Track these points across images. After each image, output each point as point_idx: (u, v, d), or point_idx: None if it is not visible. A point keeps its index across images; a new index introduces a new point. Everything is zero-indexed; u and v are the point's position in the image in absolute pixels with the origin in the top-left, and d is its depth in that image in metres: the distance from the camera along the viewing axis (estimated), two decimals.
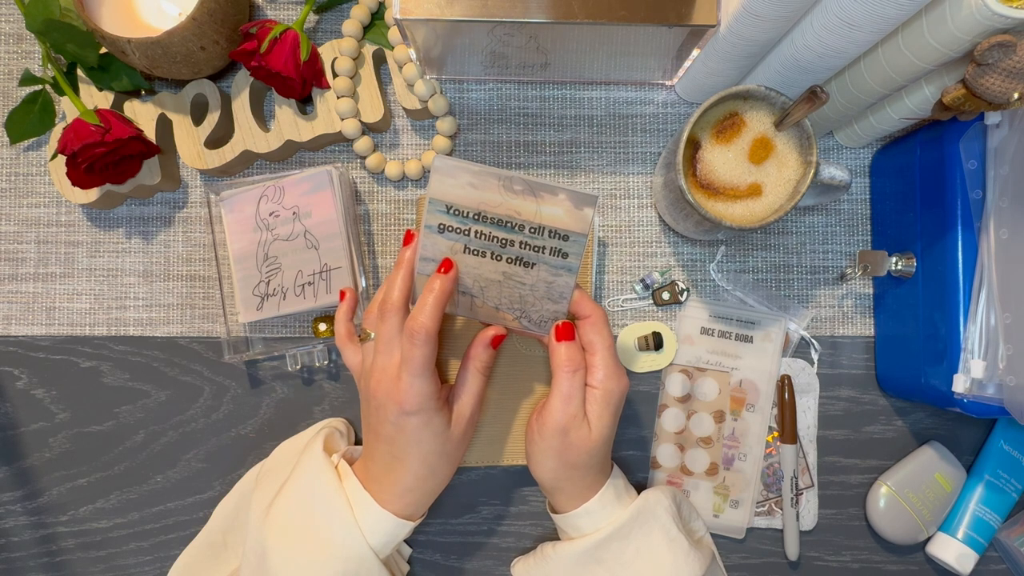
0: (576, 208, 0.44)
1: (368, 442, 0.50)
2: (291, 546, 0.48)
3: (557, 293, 0.46)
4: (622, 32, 0.48)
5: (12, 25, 0.60)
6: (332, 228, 0.55)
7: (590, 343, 0.49)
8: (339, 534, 0.47)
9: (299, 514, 0.48)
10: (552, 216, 0.44)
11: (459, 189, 0.44)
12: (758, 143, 0.50)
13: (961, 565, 0.58)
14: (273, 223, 0.56)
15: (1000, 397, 0.49)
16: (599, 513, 0.50)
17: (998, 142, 0.49)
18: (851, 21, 0.42)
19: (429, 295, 0.45)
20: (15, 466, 0.59)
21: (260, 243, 0.57)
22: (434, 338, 0.45)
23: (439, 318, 0.45)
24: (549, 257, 0.45)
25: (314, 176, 0.55)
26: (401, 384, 0.46)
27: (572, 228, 0.44)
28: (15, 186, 0.60)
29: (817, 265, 0.61)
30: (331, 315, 0.57)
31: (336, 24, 0.59)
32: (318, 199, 0.55)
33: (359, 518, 0.48)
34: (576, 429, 0.48)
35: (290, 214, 0.56)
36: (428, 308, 0.45)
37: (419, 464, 0.48)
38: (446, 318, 0.55)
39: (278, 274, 0.56)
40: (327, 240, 0.56)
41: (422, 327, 0.44)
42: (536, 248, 0.45)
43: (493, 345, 0.50)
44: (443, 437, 0.48)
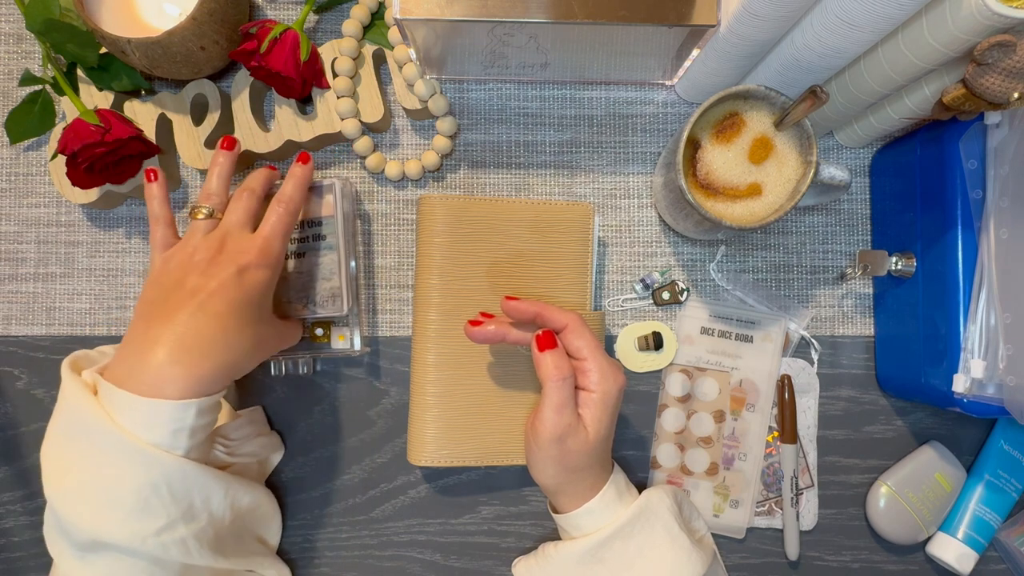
0: (320, 198, 0.55)
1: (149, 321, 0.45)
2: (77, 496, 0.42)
3: (328, 271, 0.55)
4: (622, 32, 0.48)
5: (12, 25, 0.60)
6: (330, 240, 0.55)
7: (577, 349, 0.49)
8: (112, 452, 0.42)
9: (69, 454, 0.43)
10: (305, 210, 0.55)
11: None
12: (758, 143, 0.50)
13: (961, 565, 0.58)
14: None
15: (1000, 397, 0.49)
16: (601, 512, 0.50)
17: (998, 142, 0.49)
18: (851, 21, 0.42)
19: (291, 179, 0.52)
20: (15, 466, 0.59)
21: None
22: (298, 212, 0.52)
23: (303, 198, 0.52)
24: (312, 243, 0.55)
25: (318, 186, 0.55)
26: (264, 241, 0.48)
27: (321, 214, 0.55)
28: (15, 186, 0.60)
29: (817, 265, 0.61)
30: (328, 321, 0.57)
31: (336, 24, 0.59)
32: (319, 210, 0.55)
33: (124, 422, 0.42)
34: (572, 436, 0.48)
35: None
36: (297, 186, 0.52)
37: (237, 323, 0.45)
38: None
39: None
40: (323, 252, 0.55)
41: (291, 198, 0.51)
42: (302, 240, 0.55)
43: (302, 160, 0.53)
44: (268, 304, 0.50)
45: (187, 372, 0.43)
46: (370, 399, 0.59)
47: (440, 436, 0.55)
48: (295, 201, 0.51)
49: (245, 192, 0.51)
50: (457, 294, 0.55)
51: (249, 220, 0.50)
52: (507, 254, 0.56)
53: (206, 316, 0.44)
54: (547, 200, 0.58)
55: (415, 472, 0.60)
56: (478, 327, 0.50)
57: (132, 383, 0.43)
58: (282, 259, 0.50)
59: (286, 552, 0.59)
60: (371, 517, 0.59)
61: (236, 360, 0.46)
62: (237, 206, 0.50)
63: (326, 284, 0.55)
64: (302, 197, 0.52)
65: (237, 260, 0.47)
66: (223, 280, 0.46)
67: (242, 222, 0.50)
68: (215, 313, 0.45)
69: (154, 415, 0.42)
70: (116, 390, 0.43)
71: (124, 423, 0.42)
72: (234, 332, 0.46)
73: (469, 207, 0.56)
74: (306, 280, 0.55)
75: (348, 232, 0.56)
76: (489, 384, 0.56)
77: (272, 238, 0.49)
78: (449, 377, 0.55)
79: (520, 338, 0.50)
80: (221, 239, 0.49)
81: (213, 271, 0.46)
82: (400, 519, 0.59)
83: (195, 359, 0.43)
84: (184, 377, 0.43)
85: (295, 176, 0.52)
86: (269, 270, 0.49)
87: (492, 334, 0.50)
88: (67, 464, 0.43)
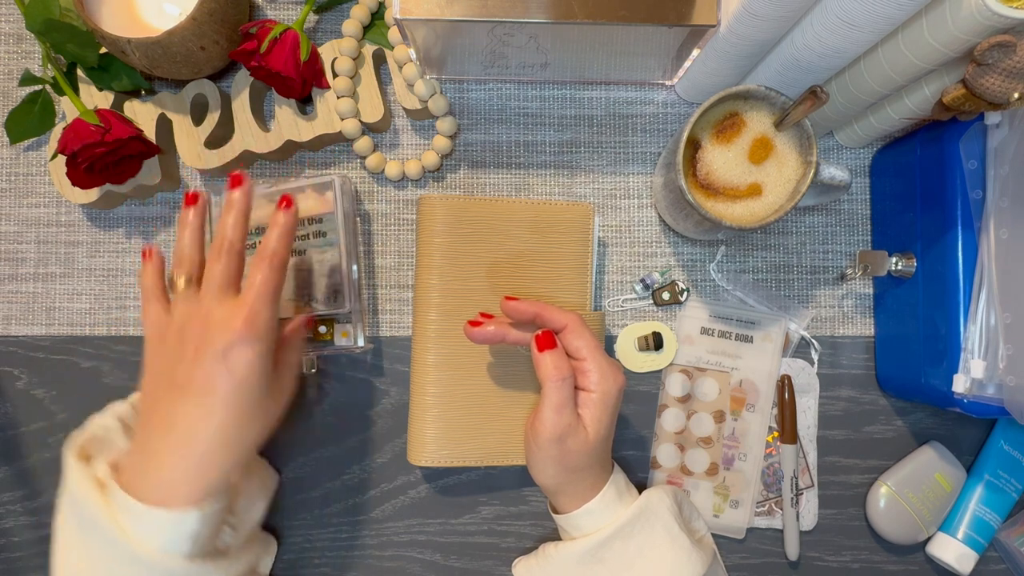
0: (320, 195, 0.55)
1: (151, 416, 0.43)
2: None
3: (329, 268, 0.55)
4: (622, 32, 0.48)
5: (12, 25, 0.60)
6: (330, 237, 0.55)
7: (576, 349, 0.49)
8: (123, 561, 0.42)
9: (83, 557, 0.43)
10: (306, 208, 0.55)
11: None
12: (758, 143, 0.50)
13: (961, 565, 0.58)
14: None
15: (1000, 397, 0.49)
16: (601, 512, 0.50)
17: (998, 142, 0.49)
18: (851, 21, 0.42)
19: (275, 228, 0.45)
20: (15, 466, 0.59)
21: (257, 245, 0.56)
22: (286, 266, 0.45)
23: (289, 245, 0.46)
24: (313, 240, 0.55)
25: (318, 184, 0.55)
26: (250, 312, 0.42)
27: (322, 211, 0.55)
28: (15, 186, 0.60)
29: (817, 265, 0.61)
30: (331, 318, 0.58)
31: (336, 24, 0.59)
32: (319, 207, 0.55)
33: (131, 528, 0.41)
34: (572, 436, 0.48)
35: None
36: (276, 237, 0.45)
37: (233, 417, 0.42)
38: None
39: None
40: (324, 249, 0.55)
41: (276, 253, 0.44)
42: (302, 237, 0.55)
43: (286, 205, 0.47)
44: (269, 388, 0.44)
45: (191, 485, 0.42)
46: (370, 399, 0.59)
47: (440, 436, 0.55)
48: (280, 255, 0.45)
49: (224, 249, 0.45)
50: (457, 294, 0.55)
51: (231, 283, 0.45)
52: (507, 254, 0.56)
53: (203, 420, 0.42)
54: (547, 200, 0.58)
55: (415, 472, 0.60)
56: (478, 327, 0.50)
57: (140, 491, 0.42)
58: (273, 326, 0.44)
59: (286, 552, 0.59)
60: (371, 517, 0.59)
61: (242, 456, 0.44)
62: (215, 269, 0.44)
63: (327, 281, 0.55)
64: (288, 249, 0.46)
65: (221, 340, 0.42)
66: (209, 372, 0.42)
67: (223, 287, 0.44)
68: (210, 415, 0.42)
69: (160, 524, 0.42)
70: (125, 497, 0.42)
71: (131, 529, 0.42)
72: (234, 430, 0.43)
73: (469, 207, 0.56)
74: (307, 277, 0.55)
75: (349, 229, 0.56)
76: (489, 384, 0.56)
77: (258, 304, 0.43)
78: (449, 377, 0.55)
79: (520, 338, 0.50)
80: (205, 315, 0.43)
81: (200, 358, 0.42)
82: (400, 519, 0.59)
83: (199, 470, 0.42)
84: (188, 490, 0.42)
85: (279, 225, 0.46)
86: (259, 344, 0.42)
87: (492, 334, 0.50)
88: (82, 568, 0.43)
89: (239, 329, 0.42)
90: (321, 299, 0.55)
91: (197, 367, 0.42)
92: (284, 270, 0.45)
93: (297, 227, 0.50)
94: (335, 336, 0.57)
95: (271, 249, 0.45)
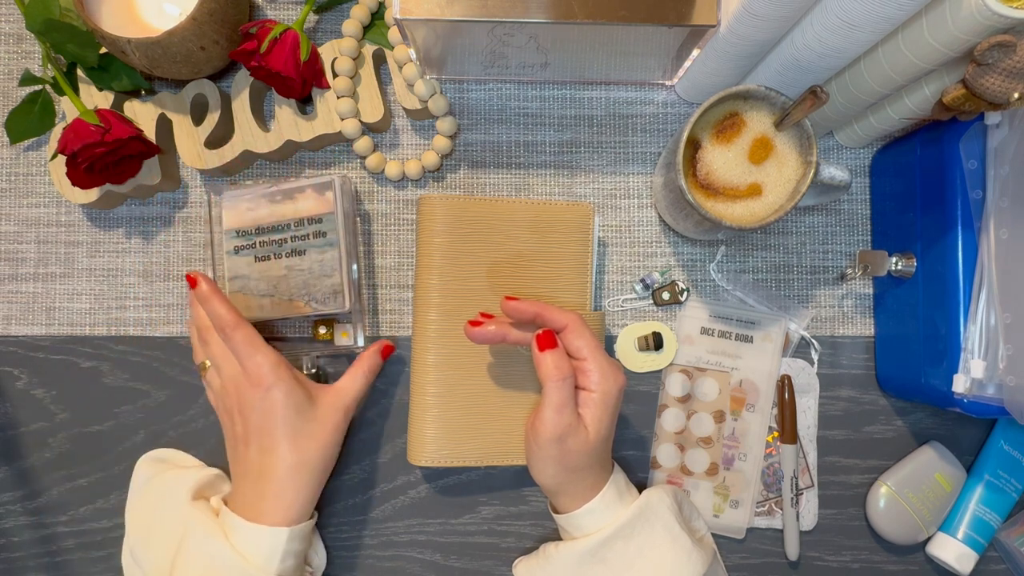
0: (320, 194, 0.55)
1: (236, 467, 0.52)
2: None
3: (329, 268, 0.55)
4: (622, 32, 0.48)
5: (12, 25, 0.60)
6: (330, 237, 0.55)
7: (577, 349, 0.49)
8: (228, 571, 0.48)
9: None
10: (306, 208, 0.55)
11: (241, 215, 0.56)
12: (758, 143, 0.50)
13: (961, 565, 0.58)
14: (272, 227, 0.56)
15: (1000, 397, 0.49)
16: (601, 512, 0.50)
17: (998, 142, 0.49)
18: (851, 21, 0.42)
19: (209, 303, 0.51)
20: (15, 466, 0.59)
21: (259, 243, 0.56)
22: (242, 321, 0.51)
23: (228, 306, 0.51)
24: (314, 240, 0.55)
25: (318, 184, 0.55)
26: (248, 368, 0.50)
27: (322, 211, 0.55)
28: (15, 186, 0.60)
29: (817, 265, 0.61)
30: (331, 319, 0.58)
31: (336, 24, 0.59)
32: (319, 207, 0.55)
33: (238, 543, 0.49)
34: (572, 436, 0.48)
35: (289, 219, 0.56)
36: (217, 305, 0.51)
37: (288, 449, 0.49)
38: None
39: (275, 278, 0.56)
40: (324, 249, 0.55)
41: (224, 317, 0.50)
42: (302, 237, 0.55)
43: (382, 355, 0.56)
44: (308, 414, 0.51)
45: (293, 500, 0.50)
46: (370, 399, 0.59)
47: (440, 436, 0.55)
48: (228, 317, 0.50)
49: (206, 339, 0.52)
50: (457, 294, 0.55)
51: (228, 357, 0.51)
52: (507, 254, 0.56)
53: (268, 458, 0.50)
54: (547, 200, 0.58)
55: (415, 472, 0.60)
56: (478, 328, 0.50)
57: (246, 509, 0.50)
58: (275, 362, 0.50)
59: None
60: (371, 517, 0.59)
61: (310, 477, 0.51)
62: (216, 356, 0.52)
63: (327, 281, 0.55)
64: (225, 306, 0.51)
65: (249, 400, 0.50)
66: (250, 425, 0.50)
67: (225, 362, 0.51)
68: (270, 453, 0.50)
69: (260, 537, 0.49)
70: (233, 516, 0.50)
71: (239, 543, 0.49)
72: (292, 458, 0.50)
73: (469, 207, 0.56)
74: (307, 277, 0.55)
75: (349, 229, 0.56)
76: (489, 384, 0.56)
77: (250, 361, 0.50)
78: (449, 377, 0.55)
79: (520, 338, 0.50)
80: (233, 386, 0.51)
81: (243, 418, 0.51)
82: (400, 519, 0.59)
83: (279, 496, 0.50)
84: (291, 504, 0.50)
85: (202, 299, 0.52)
86: (280, 384, 0.49)
87: (492, 334, 0.50)
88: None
89: (254, 391, 0.50)
90: (321, 299, 0.55)
91: (248, 422, 0.50)
92: (242, 320, 0.51)
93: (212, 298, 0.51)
94: (335, 336, 0.57)
95: (218, 319, 0.51)
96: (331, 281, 0.55)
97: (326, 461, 0.52)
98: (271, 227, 0.55)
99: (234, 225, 0.56)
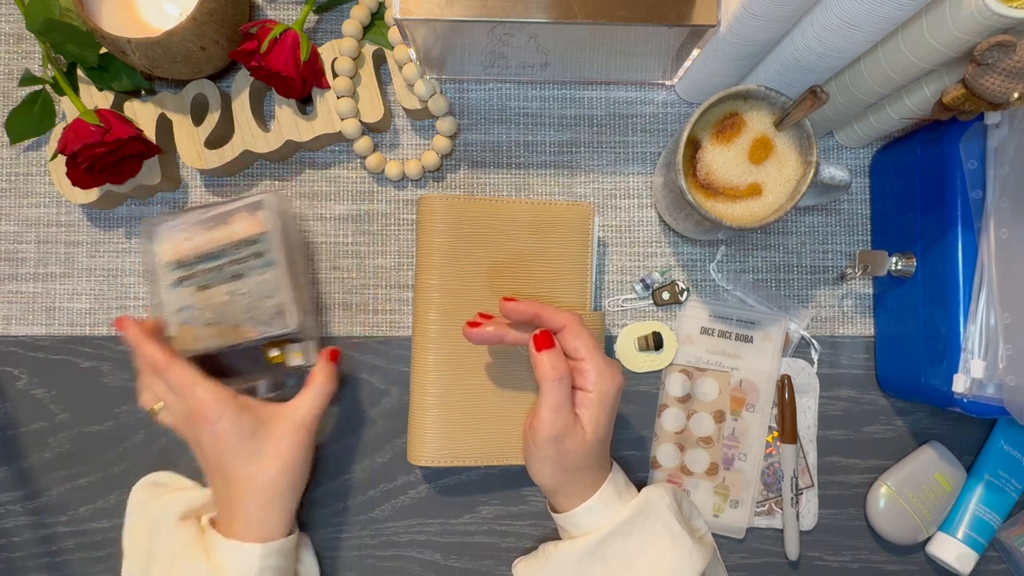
0: (252, 215, 0.54)
1: (211, 491, 0.53)
2: None
3: (270, 288, 0.54)
4: (622, 32, 0.48)
5: (12, 25, 0.60)
6: (267, 257, 0.54)
7: (575, 350, 0.49)
8: None
9: None
10: (241, 230, 0.54)
11: (179, 246, 0.54)
12: (758, 143, 0.50)
13: (961, 565, 0.58)
14: (210, 253, 0.54)
15: (1000, 397, 0.49)
16: (600, 511, 0.50)
17: (998, 142, 0.49)
18: (851, 21, 0.42)
19: (139, 347, 0.51)
20: (15, 466, 0.59)
21: (199, 272, 0.54)
22: (175, 359, 0.50)
23: (158, 347, 0.51)
24: (252, 262, 0.54)
25: (250, 204, 0.54)
26: (190, 407, 0.50)
27: (257, 231, 0.54)
28: (15, 186, 0.60)
29: (817, 265, 0.61)
30: (283, 340, 0.56)
31: (336, 24, 0.59)
32: (253, 227, 0.54)
33: (217, 561, 0.50)
34: (570, 435, 0.48)
35: (226, 243, 0.54)
36: (146, 348, 0.51)
37: (247, 474, 0.50)
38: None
39: (218, 305, 0.54)
40: (263, 270, 0.54)
41: (155, 358, 0.50)
42: (240, 260, 0.54)
43: (333, 360, 0.55)
44: (262, 437, 0.51)
45: (266, 517, 0.51)
46: (370, 399, 0.60)
47: (440, 436, 0.55)
48: (158, 356, 0.51)
49: (149, 383, 0.53)
50: (457, 294, 0.55)
51: (172, 396, 0.52)
52: (507, 254, 0.56)
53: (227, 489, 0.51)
54: (547, 200, 0.58)
55: (415, 472, 0.60)
56: (476, 329, 0.50)
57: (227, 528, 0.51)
58: (217, 396, 0.50)
59: None
60: (371, 517, 0.59)
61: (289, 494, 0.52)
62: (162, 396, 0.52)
63: (270, 301, 0.54)
64: (154, 347, 0.51)
65: (198, 433, 0.51)
66: (208, 457, 0.51)
67: (171, 401, 0.52)
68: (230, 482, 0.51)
69: (237, 553, 0.50)
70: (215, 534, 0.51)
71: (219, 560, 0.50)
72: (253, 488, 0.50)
73: (469, 207, 0.56)
74: (250, 300, 0.54)
75: (289, 245, 0.54)
76: (489, 384, 0.56)
77: (191, 399, 0.50)
78: (449, 377, 0.55)
79: (518, 339, 0.50)
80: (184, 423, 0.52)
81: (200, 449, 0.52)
82: (400, 519, 0.59)
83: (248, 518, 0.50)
84: (266, 521, 0.51)
85: (131, 343, 0.52)
86: (226, 415, 0.50)
87: (490, 335, 0.50)
88: None
89: (203, 426, 0.50)
90: (266, 320, 0.54)
91: (207, 455, 0.51)
92: (174, 358, 0.51)
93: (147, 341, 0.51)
94: (288, 358, 0.56)
95: (151, 362, 0.51)
96: (273, 301, 0.54)
97: (292, 478, 0.51)
98: (209, 254, 0.54)
99: (173, 257, 0.54)
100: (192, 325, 0.54)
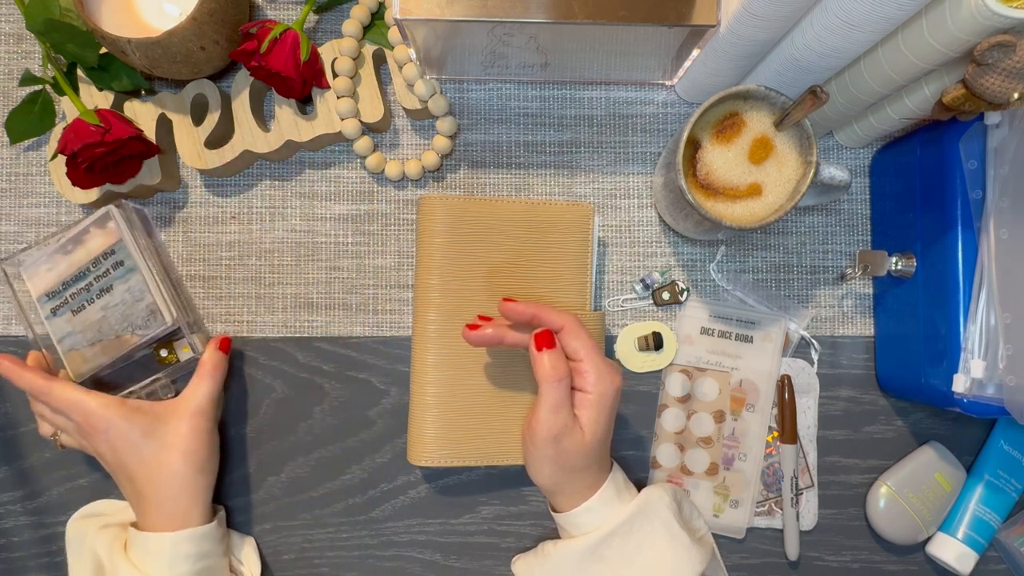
0: (102, 228, 0.56)
1: (124, 494, 0.55)
2: None
3: (138, 292, 0.55)
4: (622, 32, 0.48)
5: (12, 25, 0.60)
6: (128, 263, 0.55)
7: (574, 350, 0.49)
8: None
9: None
10: (97, 246, 0.56)
11: (44, 277, 0.56)
12: (758, 143, 0.50)
13: (961, 565, 0.58)
14: (74, 276, 0.56)
15: (1000, 397, 0.49)
16: (600, 510, 0.50)
17: (998, 142, 0.49)
18: (851, 21, 0.42)
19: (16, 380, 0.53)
20: (15, 466, 0.59)
21: (69, 297, 0.56)
22: (52, 381, 0.52)
23: (34, 374, 0.52)
24: (114, 272, 0.55)
25: (98, 219, 0.55)
26: (80, 421, 0.52)
27: (111, 242, 0.55)
28: (15, 186, 0.60)
29: (817, 265, 0.61)
30: (168, 339, 0.58)
31: (336, 24, 0.59)
32: (107, 239, 0.55)
33: (134, 557, 0.52)
34: (568, 436, 0.48)
35: (86, 263, 0.56)
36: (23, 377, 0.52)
37: (150, 471, 0.52)
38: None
39: (95, 323, 0.56)
40: (126, 277, 0.55)
41: (34, 385, 0.52)
42: (104, 274, 0.56)
43: (222, 348, 0.56)
44: (157, 432, 0.52)
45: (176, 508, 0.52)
46: (370, 399, 0.60)
47: (440, 436, 0.55)
48: (37, 382, 0.52)
49: (40, 411, 0.55)
50: (457, 294, 0.55)
51: (62, 417, 0.53)
52: (507, 254, 0.56)
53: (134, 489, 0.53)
54: (547, 200, 0.58)
55: (415, 472, 0.60)
56: (475, 331, 0.50)
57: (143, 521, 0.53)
58: (103, 403, 0.52)
59: (286, 552, 0.59)
60: (371, 517, 0.59)
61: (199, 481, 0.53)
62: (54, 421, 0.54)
63: (141, 304, 0.55)
64: (29, 375, 0.52)
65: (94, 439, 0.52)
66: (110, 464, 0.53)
67: (63, 423, 0.53)
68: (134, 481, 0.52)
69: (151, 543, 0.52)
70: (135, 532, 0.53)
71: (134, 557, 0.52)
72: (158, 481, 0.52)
73: (469, 207, 0.56)
74: (124, 309, 0.55)
75: (144, 247, 0.55)
76: (489, 384, 0.56)
77: (78, 414, 0.51)
78: (449, 377, 0.55)
79: (518, 340, 0.50)
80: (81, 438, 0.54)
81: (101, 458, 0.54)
82: (400, 519, 0.59)
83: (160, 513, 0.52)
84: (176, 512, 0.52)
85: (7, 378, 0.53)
86: (115, 422, 0.51)
87: (490, 337, 0.50)
88: None
89: (96, 437, 0.52)
90: (143, 323, 0.55)
91: (110, 461, 0.53)
92: (50, 380, 0.52)
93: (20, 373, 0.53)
94: (178, 354, 0.58)
95: (32, 390, 0.52)
96: (144, 304, 0.55)
97: (195, 462, 0.53)
98: (74, 277, 0.56)
99: (42, 290, 0.56)
100: (79, 349, 0.56)
